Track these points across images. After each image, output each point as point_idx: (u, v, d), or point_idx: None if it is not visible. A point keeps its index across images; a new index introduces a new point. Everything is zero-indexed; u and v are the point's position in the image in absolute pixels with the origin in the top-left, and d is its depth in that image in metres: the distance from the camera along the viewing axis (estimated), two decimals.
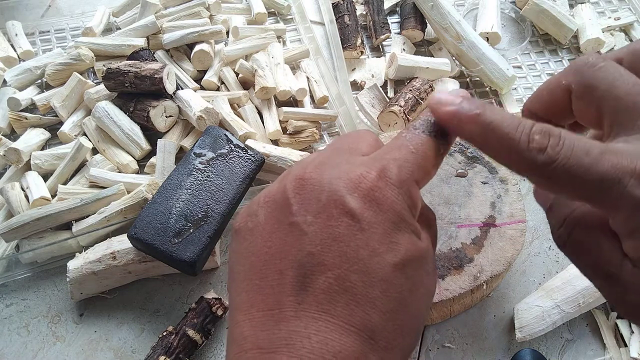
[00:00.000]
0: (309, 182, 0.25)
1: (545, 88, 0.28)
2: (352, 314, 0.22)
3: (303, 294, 0.23)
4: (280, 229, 0.25)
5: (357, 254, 0.23)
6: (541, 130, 0.23)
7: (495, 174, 0.55)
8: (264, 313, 0.23)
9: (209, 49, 0.68)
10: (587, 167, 0.22)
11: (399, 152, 0.26)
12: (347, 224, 0.23)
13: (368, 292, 0.23)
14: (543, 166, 0.23)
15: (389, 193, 0.24)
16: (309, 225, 0.24)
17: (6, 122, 0.64)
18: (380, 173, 0.24)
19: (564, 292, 0.51)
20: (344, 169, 0.25)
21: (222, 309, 0.51)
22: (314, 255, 0.23)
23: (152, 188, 0.56)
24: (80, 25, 0.76)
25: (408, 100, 0.64)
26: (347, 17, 0.74)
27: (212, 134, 0.56)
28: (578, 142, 0.22)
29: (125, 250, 0.52)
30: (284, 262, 0.24)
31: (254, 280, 0.24)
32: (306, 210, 0.24)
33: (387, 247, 0.23)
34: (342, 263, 0.23)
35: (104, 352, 0.52)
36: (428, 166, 0.26)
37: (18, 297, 0.55)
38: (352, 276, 0.23)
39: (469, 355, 0.51)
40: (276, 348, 0.22)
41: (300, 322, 0.22)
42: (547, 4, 0.74)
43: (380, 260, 0.23)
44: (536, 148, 0.23)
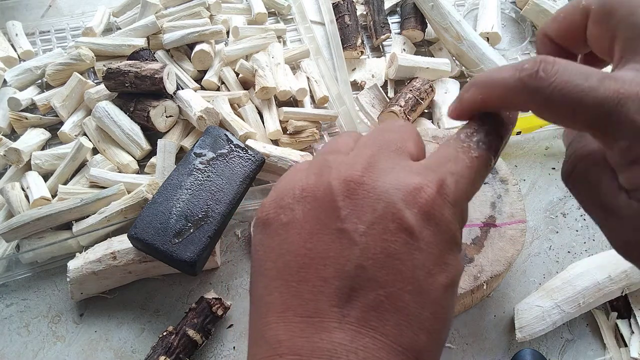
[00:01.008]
0: (362, 188, 0.23)
1: (563, 10, 0.27)
2: (402, 334, 0.22)
3: (349, 306, 0.22)
4: (324, 232, 0.23)
5: (413, 273, 0.22)
6: (531, 59, 0.22)
7: (495, 174, 0.55)
8: (303, 319, 0.22)
9: (209, 49, 0.68)
10: (587, 91, 0.21)
11: (455, 165, 0.24)
12: (405, 241, 0.22)
13: (420, 314, 0.22)
14: (538, 91, 0.22)
15: (446, 212, 0.23)
16: (361, 236, 0.22)
17: (6, 122, 0.64)
18: (439, 188, 0.23)
19: (564, 292, 0.51)
20: (401, 178, 0.23)
21: (222, 309, 0.51)
22: (365, 269, 0.22)
23: (152, 188, 0.56)
24: (81, 25, 0.76)
25: (408, 100, 0.64)
26: (348, 17, 0.74)
27: (212, 134, 0.56)
28: (576, 67, 0.22)
29: (126, 250, 0.52)
30: (328, 270, 0.22)
31: (290, 282, 0.23)
32: (358, 219, 0.23)
33: (441, 269, 0.23)
34: (396, 282, 0.22)
35: (104, 352, 0.52)
36: (480, 181, 0.25)
37: (18, 297, 0.55)
38: (406, 296, 0.22)
39: (469, 355, 0.51)
40: (318, 357, 0.21)
41: (346, 335, 0.22)
42: (547, 4, 0.74)
43: (434, 282, 0.23)
44: (527, 75, 0.22)
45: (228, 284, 0.55)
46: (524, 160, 0.65)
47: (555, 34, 0.28)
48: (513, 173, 0.56)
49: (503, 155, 0.61)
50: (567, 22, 0.27)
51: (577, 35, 0.27)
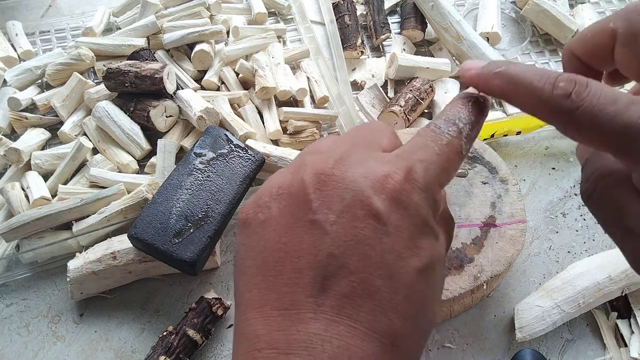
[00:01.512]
0: (332, 179, 0.24)
1: (590, 30, 0.27)
2: (375, 320, 0.22)
3: (323, 296, 0.22)
4: (298, 225, 0.24)
5: (383, 258, 0.22)
6: (567, 78, 0.23)
7: (495, 174, 0.55)
8: (280, 312, 0.23)
9: (209, 49, 0.68)
10: (613, 115, 0.21)
11: (424, 152, 0.25)
12: (373, 226, 0.23)
13: (392, 298, 0.22)
14: (568, 112, 0.22)
15: (415, 196, 0.24)
16: (332, 225, 0.23)
17: (6, 122, 0.64)
18: (407, 174, 0.24)
19: (564, 292, 0.51)
20: (369, 167, 0.24)
21: (222, 309, 0.51)
22: (336, 256, 0.22)
23: (152, 188, 0.56)
24: (81, 25, 0.76)
25: (408, 100, 0.64)
26: (348, 17, 0.74)
27: (212, 134, 0.56)
28: (605, 90, 0.22)
29: (126, 250, 0.52)
30: (302, 261, 0.23)
31: (268, 277, 0.23)
32: (328, 209, 0.23)
33: (412, 252, 0.23)
34: (367, 267, 0.22)
35: (104, 352, 0.52)
36: (451, 169, 0.26)
37: (18, 297, 0.55)
38: (377, 281, 0.22)
39: (469, 355, 0.51)
40: (294, 350, 0.21)
41: (320, 324, 0.22)
42: (547, 4, 0.74)
43: (405, 265, 0.23)
44: (560, 94, 0.23)
45: (228, 283, 0.55)
46: (524, 160, 0.65)
47: (582, 54, 0.28)
48: (513, 173, 0.56)
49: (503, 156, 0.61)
50: (594, 43, 0.27)
51: (604, 56, 0.27)
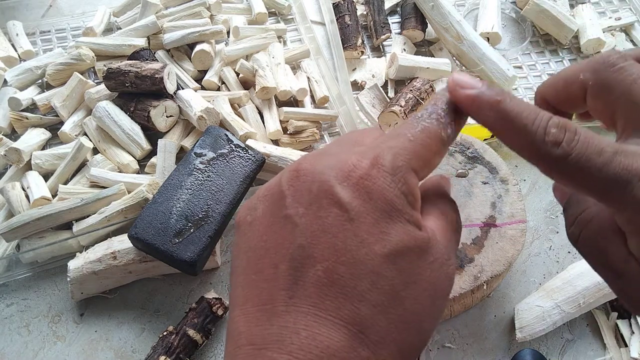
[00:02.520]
0: (301, 173, 0.24)
1: (562, 78, 0.28)
2: (340, 308, 0.22)
3: (294, 287, 0.22)
4: (275, 222, 0.24)
5: (345, 245, 0.22)
6: (558, 124, 0.23)
7: (495, 174, 0.55)
8: (258, 308, 0.23)
9: (209, 49, 0.68)
10: (600, 167, 0.22)
11: (395, 140, 0.25)
12: (336, 214, 0.23)
13: (356, 285, 0.22)
14: (557, 160, 0.23)
15: (380, 181, 0.23)
16: (301, 217, 0.23)
17: (7, 122, 0.64)
18: (373, 161, 0.24)
19: (565, 292, 0.51)
20: (338, 159, 0.24)
21: (222, 308, 0.51)
22: (304, 247, 0.23)
23: (152, 188, 0.56)
24: (81, 25, 0.76)
25: (408, 100, 0.64)
26: (348, 17, 0.74)
27: (212, 134, 0.56)
28: (592, 140, 0.23)
29: (126, 250, 0.52)
30: (278, 256, 0.23)
31: (250, 274, 0.24)
32: (298, 202, 0.24)
33: (377, 237, 0.23)
34: (330, 255, 0.22)
35: (105, 352, 0.52)
36: (428, 154, 0.25)
37: (19, 296, 0.55)
38: (340, 268, 0.22)
39: (469, 355, 0.51)
40: (267, 344, 0.22)
41: (290, 317, 0.22)
42: (547, 4, 0.74)
43: (369, 251, 0.22)
44: (552, 141, 0.23)
45: (228, 283, 0.55)
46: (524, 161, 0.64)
47: (554, 101, 0.29)
48: (513, 173, 0.56)
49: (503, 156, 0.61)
50: (565, 92, 0.28)
51: (575, 104, 0.28)
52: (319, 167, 0.24)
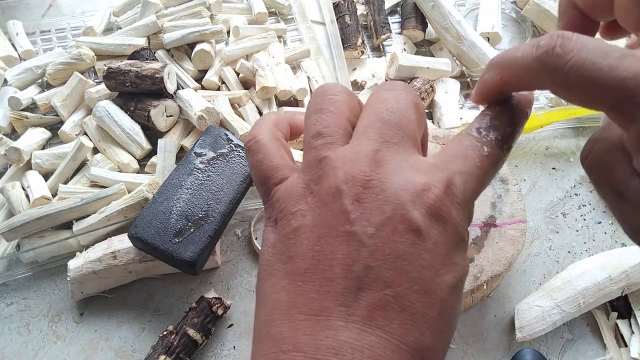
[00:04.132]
0: (371, 191, 0.23)
1: None
2: (407, 334, 0.22)
3: (355, 305, 0.22)
4: (332, 235, 0.23)
5: (420, 274, 0.22)
6: (548, 36, 0.22)
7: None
8: (307, 317, 0.22)
9: (209, 49, 0.68)
10: (605, 70, 0.20)
11: (464, 163, 0.24)
12: (413, 241, 0.22)
13: (426, 313, 0.22)
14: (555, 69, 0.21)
15: (454, 212, 0.23)
16: (370, 238, 0.23)
17: (7, 122, 0.64)
18: (446, 188, 0.23)
19: (564, 292, 0.51)
20: (409, 178, 0.23)
21: (222, 308, 0.51)
22: (373, 269, 0.22)
23: (152, 188, 0.56)
24: (81, 25, 0.76)
25: None
26: (348, 17, 0.74)
27: (212, 133, 0.56)
28: (594, 43, 0.21)
29: (126, 249, 0.52)
30: (335, 271, 0.23)
31: (297, 282, 0.23)
32: (367, 221, 0.23)
33: (448, 269, 0.23)
34: (403, 282, 0.22)
35: (105, 352, 0.52)
36: (488, 181, 0.25)
37: (19, 296, 0.55)
38: (413, 296, 0.22)
39: (469, 355, 0.51)
40: (322, 355, 0.21)
41: (351, 333, 0.22)
42: (547, 4, 0.74)
43: (441, 282, 0.23)
44: (543, 52, 0.21)
45: (228, 283, 0.55)
46: (524, 160, 0.65)
47: (581, 1, 0.27)
48: (513, 173, 0.56)
49: None
50: None
51: (604, 5, 0.26)
52: (390, 186, 0.23)
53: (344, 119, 0.27)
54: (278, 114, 0.31)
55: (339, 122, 0.26)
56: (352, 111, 0.27)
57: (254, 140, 0.28)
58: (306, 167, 0.26)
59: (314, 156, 0.25)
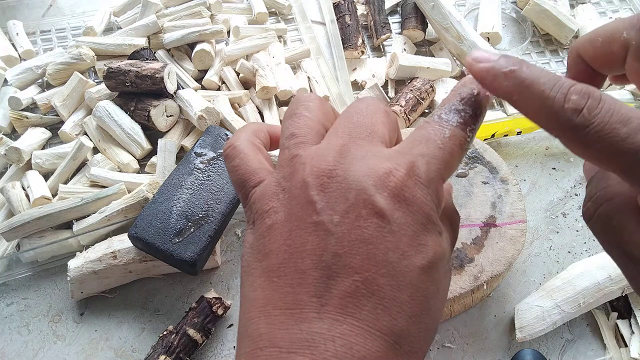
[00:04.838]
0: (334, 180, 0.24)
1: (602, 34, 0.26)
2: (378, 319, 0.22)
3: (327, 295, 0.22)
4: (302, 227, 0.24)
5: (386, 256, 0.22)
6: (580, 91, 0.22)
7: (495, 174, 0.55)
8: (282, 311, 0.23)
9: (209, 49, 0.68)
10: (623, 137, 0.20)
11: (426, 146, 0.24)
12: (377, 224, 0.23)
13: (396, 296, 0.22)
14: (577, 129, 0.21)
15: (418, 193, 0.23)
16: (336, 226, 0.23)
17: (7, 122, 0.64)
18: (409, 170, 0.23)
19: (565, 292, 0.51)
20: (371, 165, 0.24)
21: (222, 308, 0.51)
22: (340, 256, 0.22)
23: (152, 187, 0.56)
24: (81, 25, 0.76)
25: (409, 100, 0.64)
26: (348, 17, 0.74)
27: (212, 133, 0.56)
28: (619, 109, 0.21)
29: (126, 249, 0.52)
30: (306, 262, 0.23)
31: (272, 277, 0.24)
32: (332, 210, 0.23)
33: (416, 250, 0.23)
34: (371, 266, 0.22)
35: (105, 352, 0.52)
36: (454, 162, 0.25)
37: (19, 296, 0.55)
38: (380, 280, 0.22)
39: (469, 355, 0.51)
40: (297, 349, 0.21)
41: (324, 324, 0.22)
42: (548, 4, 0.74)
43: (409, 264, 0.23)
44: (572, 108, 0.21)
45: (228, 283, 0.55)
46: (525, 160, 0.65)
47: (591, 59, 0.27)
48: (513, 173, 0.56)
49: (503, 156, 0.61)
50: (604, 51, 0.26)
51: (614, 65, 0.26)
52: (353, 174, 0.24)
53: (316, 121, 0.28)
54: (257, 124, 0.32)
55: (311, 124, 0.28)
56: (326, 116, 0.29)
57: (231, 147, 0.29)
58: (279, 166, 0.27)
59: (286, 155, 0.26)
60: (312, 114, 0.28)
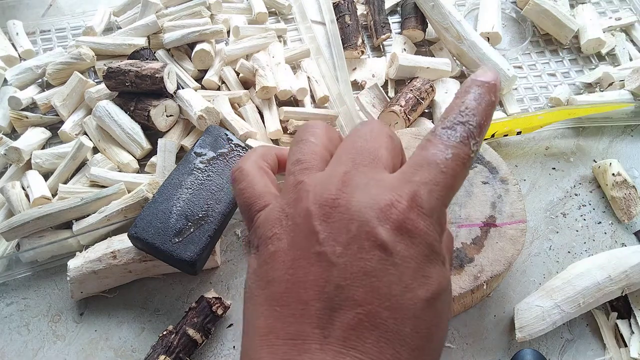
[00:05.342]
0: (337, 210, 0.24)
1: None
2: (381, 352, 0.22)
3: (330, 327, 0.22)
4: (304, 257, 0.24)
5: (390, 289, 0.22)
6: None
7: (495, 174, 0.55)
8: (285, 342, 0.23)
9: (209, 49, 0.68)
10: None
11: (428, 172, 0.24)
12: (379, 257, 0.23)
13: (399, 330, 0.22)
14: None
15: (421, 224, 0.23)
16: (338, 257, 0.23)
17: (7, 121, 0.64)
18: (411, 201, 0.23)
19: (564, 292, 0.51)
20: (373, 195, 0.24)
21: (222, 308, 0.51)
22: (343, 288, 0.22)
23: (152, 187, 0.56)
24: (81, 25, 0.76)
25: (409, 100, 0.64)
26: (348, 16, 0.74)
27: (212, 133, 0.56)
28: None
29: (126, 249, 0.52)
30: (309, 293, 0.23)
31: (275, 306, 0.24)
32: (335, 241, 0.23)
33: (420, 282, 0.23)
34: (374, 299, 0.22)
35: (104, 351, 0.52)
36: (457, 184, 0.25)
37: (18, 296, 0.55)
38: (384, 313, 0.22)
39: (469, 355, 0.51)
40: None
41: (327, 356, 0.22)
42: (548, 4, 0.74)
43: (413, 297, 0.23)
44: None
45: (228, 283, 0.55)
46: (524, 160, 0.65)
47: None
48: (513, 173, 0.56)
49: (503, 155, 0.61)
50: None
51: None
52: (355, 204, 0.23)
53: (322, 147, 0.28)
54: (266, 147, 0.32)
55: (317, 150, 0.28)
56: (332, 141, 0.29)
57: (238, 169, 0.29)
58: (284, 192, 0.27)
59: (291, 181, 0.26)
60: (317, 140, 0.28)
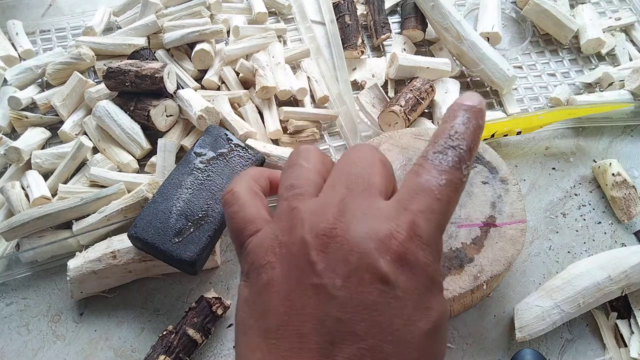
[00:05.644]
0: (334, 241, 0.23)
1: None
2: None
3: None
4: (301, 289, 0.23)
5: (392, 323, 0.22)
6: None
7: (495, 174, 0.55)
8: None
9: (209, 49, 0.68)
10: None
11: (424, 199, 0.24)
12: (381, 290, 0.22)
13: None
14: None
15: (421, 255, 0.23)
16: (338, 290, 0.22)
17: (7, 121, 0.64)
18: (410, 231, 0.23)
19: (564, 292, 0.51)
20: (372, 225, 0.23)
21: (222, 308, 0.51)
22: (344, 322, 0.22)
23: (152, 187, 0.56)
24: (81, 25, 0.76)
25: (408, 100, 0.64)
26: (348, 16, 0.74)
27: (212, 133, 0.56)
28: None
29: (126, 249, 0.52)
30: (307, 326, 0.22)
31: (270, 339, 0.23)
32: (334, 272, 0.23)
33: (421, 314, 0.23)
34: (376, 333, 0.22)
35: (104, 351, 0.52)
36: (451, 210, 0.25)
37: (18, 296, 0.55)
38: (386, 347, 0.22)
39: (469, 355, 0.51)
40: None
41: None
42: (547, 4, 0.74)
43: (415, 329, 0.22)
44: None
45: (228, 283, 0.55)
46: (524, 160, 0.65)
47: None
48: (513, 173, 0.56)
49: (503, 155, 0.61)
50: None
51: None
52: (354, 235, 0.23)
53: (315, 172, 0.28)
54: (258, 169, 0.31)
55: (311, 175, 0.27)
56: (325, 166, 0.28)
57: (230, 192, 0.29)
58: (277, 218, 0.26)
59: (285, 207, 0.26)
60: (311, 165, 0.28)
